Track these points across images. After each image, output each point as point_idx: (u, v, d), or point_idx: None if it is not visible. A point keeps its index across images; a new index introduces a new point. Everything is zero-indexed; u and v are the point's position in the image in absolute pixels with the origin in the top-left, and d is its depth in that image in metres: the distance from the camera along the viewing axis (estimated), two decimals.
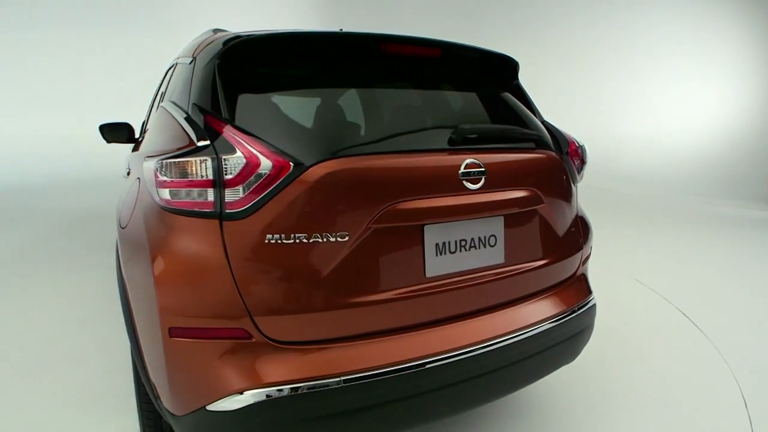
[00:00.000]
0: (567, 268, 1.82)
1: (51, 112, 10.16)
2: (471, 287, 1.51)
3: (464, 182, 1.43)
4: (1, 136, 9.80)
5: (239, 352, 1.26)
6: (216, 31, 1.93)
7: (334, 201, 1.29)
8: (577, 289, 1.85)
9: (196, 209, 1.26)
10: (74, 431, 1.97)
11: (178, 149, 1.33)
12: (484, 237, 1.53)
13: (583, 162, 1.93)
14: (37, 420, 2.03)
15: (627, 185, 9.61)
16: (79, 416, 2.05)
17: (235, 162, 1.24)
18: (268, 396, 1.24)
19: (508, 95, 1.91)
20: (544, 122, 1.94)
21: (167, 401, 1.35)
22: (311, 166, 1.27)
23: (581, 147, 1.94)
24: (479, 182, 1.46)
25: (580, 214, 1.96)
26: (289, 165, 1.25)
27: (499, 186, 1.53)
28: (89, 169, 8.97)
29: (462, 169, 1.43)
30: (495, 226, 1.55)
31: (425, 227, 1.41)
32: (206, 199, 1.25)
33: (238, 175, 1.24)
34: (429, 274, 1.43)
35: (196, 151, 1.27)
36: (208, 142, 1.28)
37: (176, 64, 2.06)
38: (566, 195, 1.81)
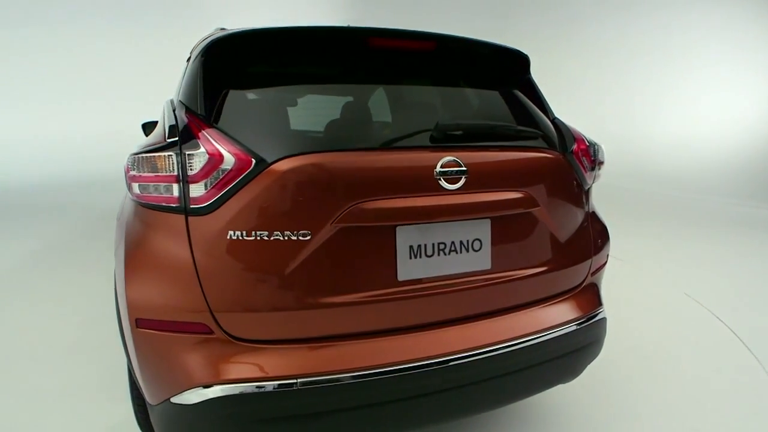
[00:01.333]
0: (570, 277, 1.68)
1: (85, 110, 10.53)
2: (451, 294, 1.43)
3: (440, 182, 1.35)
4: (40, 135, 10.22)
5: (201, 346, 1.27)
6: (222, 30, 1.96)
7: (295, 198, 1.26)
8: (582, 300, 1.70)
9: (164, 204, 1.28)
10: (90, 414, 2.09)
11: (151, 145, 1.36)
12: (467, 241, 1.44)
13: (594, 162, 1.77)
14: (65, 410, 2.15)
15: (661, 186, 9.20)
16: (92, 405, 2.16)
17: (198, 157, 1.24)
18: (225, 393, 1.23)
19: (513, 91, 1.79)
20: (554, 120, 1.81)
21: (143, 390, 1.39)
22: (273, 162, 1.25)
23: (593, 146, 1.78)
24: (458, 182, 1.37)
25: (592, 219, 1.80)
26: (251, 161, 1.24)
27: (483, 186, 1.43)
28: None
29: (438, 168, 1.35)
30: (480, 230, 1.45)
31: (397, 228, 1.34)
32: (172, 194, 1.26)
33: (201, 170, 1.24)
34: (402, 277, 1.36)
35: (165, 147, 1.29)
36: (176, 138, 1.30)
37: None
38: (571, 198, 1.67)
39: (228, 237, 1.25)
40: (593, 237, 1.78)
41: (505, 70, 1.82)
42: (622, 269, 4.12)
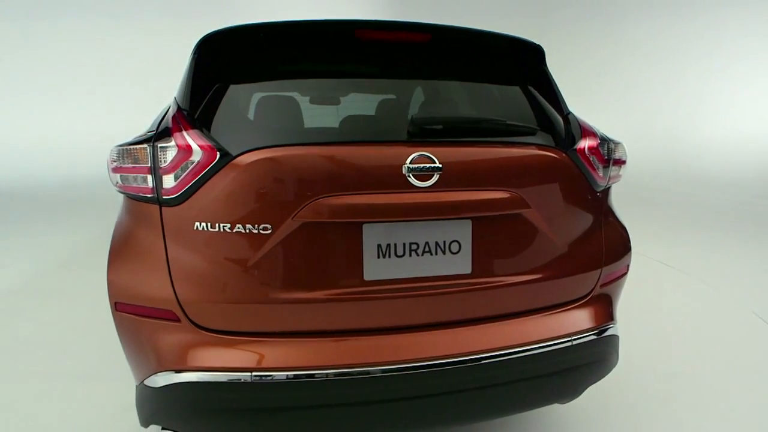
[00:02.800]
0: (570, 287, 1.53)
1: (123, 110, 10.31)
2: (425, 297, 1.36)
3: (410, 178, 1.29)
4: (82, 132, 10.13)
5: (168, 333, 1.31)
6: None
7: (256, 192, 1.26)
8: (585, 314, 1.54)
9: (141, 194, 1.34)
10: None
11: (136, 137, 1.43)
12: (444, 242, 1.36)
13: (608, 161, 1.60)
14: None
15: (712, 190, 8.52)
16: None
17: (169, 150, 1.29)
18: (186, 380, 1.27)
19: (519, 84, 1.66)
20: (567, 115, 1.65)
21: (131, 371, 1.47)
22: (237, 156, 1.26)
23: (606, 144, 1.60)
24: (430, 179, 1.30)
25: (607, 225, 1.63)
26: (216, 154, 1.26)
27: (461, 185, 1.34)
28: None
29: (407, 164, 1.28)
30: (459, 231, 1.37)
31: (364, 225, 1.30)
32: (146, 185, 1.32)
33: (171, 162, 1.28)
34: (368, 277, 1.32)
35: (143, 140, 1.34)
36: (153, 132, 1.35)
37: None
38: (573, 200, 1.52)
39: (195, 228, 1.28)
40: (605, 244, 1.60)
41: (511, 62, 1.69)
42: (678, 279, 3.75)
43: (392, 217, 1.30)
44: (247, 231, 1.26)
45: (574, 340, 1.47)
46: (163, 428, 1.38)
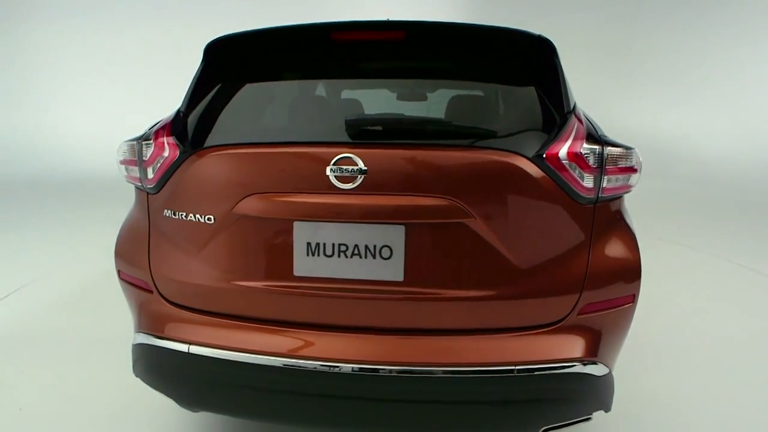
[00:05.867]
0: (529, 310, 1.36)
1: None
2: (352, 299, 1.36)
3: (332, 180, 1.29)
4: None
5: (145, 301, 1.56)
6: None
7: (202, 186, 1.41)
8: (547, 344, 1.35)
9: (136, 183, 1.60)
10: None
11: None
12: (374, 246, 1.33)
13: (598, 170, 1.35)
14: None
15: None
16: None
17: (148, 147, 1.51)
18: (146, 342, 1.50)
19: (500, 81, 1.51)
20: (568, 112, 1.45)
21: None
22: (191, 154, 1.42)
23: (602, 149, 1.36)
24: (353, 181, 1.28)
25: (598, 243, 1.40)
26: (177, 152, 1.44)
27: (389, 189, 1.29)
28: None
29: (331, 165, 1.29)
30: (390, 236, 1.32)
31: (295, 223, 1.35)
32: (137, 175, 1.57)
33: (150, 157, 1.51)
34: (298, 273, 1.37)
35: (137, 138, 1.60)
36: (147, 130, 1.59)
37: None
38: (539, 212, 1.33)
39: (164, 214, 1.49)
40: (592, 266, 1.38)
41: (498, 57, 1.54)
42: None
43: (319, 217, 1.33)
44: (196, 220, 1.42)
45: (525, 371, 1.31)
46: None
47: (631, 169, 1.43)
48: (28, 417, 2.03)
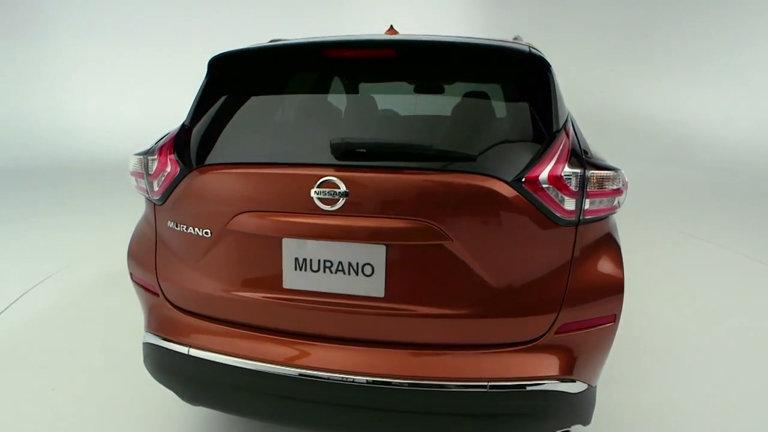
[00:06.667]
0: (505, 329, 1.41)
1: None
2: (336, 313, 1.43)
3: (316, 202, 1.36)
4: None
5: (153, 303, 1.69)
6: (274, 41, 2.25)
7: (200, 202, 1.50)
8: (521, 361, 1.40)
9: (144, 194, 1.71)
10: None
11: None
12: (356, 264, 1.40)
13: (579, 193, 1.36)
14: None
15: None
16: None
17: (153, 162, 1.62)
18: (152, 342, 1.64)
19: (488, 99, 1.51)
20: (558, 130, 1.45)
21: None
22: (189, 171, 1.52)
23: (584, 172, 1.36)
24: (335, 203, 1.34)
25: (580, 264, 1.41)
26: (178, 169, 1.54)
27: (370, 211, 1.35)
28: None
29: (315, 188, 1.35)
30: (372, 255, 1.39)
31: (284, 240, 1.43)
32: (144, 187, 1.68)
33: (155, 171, 1.61)
34: (287, 286, 1.46)
35: (145, 152, 1.70)
36: (153, 145, 1.69)
37: None
38: (517, 234, 1.36)
39: (168, 225, 1.60)
40: (571, 287, 1.40)
41: (485, 75, 1.55)
42: None
43: (305, 236, 1.40)
44: (195, 233, 1.52)
45: (494, 386, 1.36)
46: None
47: (616, 192, 1.42)
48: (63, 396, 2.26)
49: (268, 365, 1.45)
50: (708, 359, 2.61)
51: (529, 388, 1.37)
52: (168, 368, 1.62)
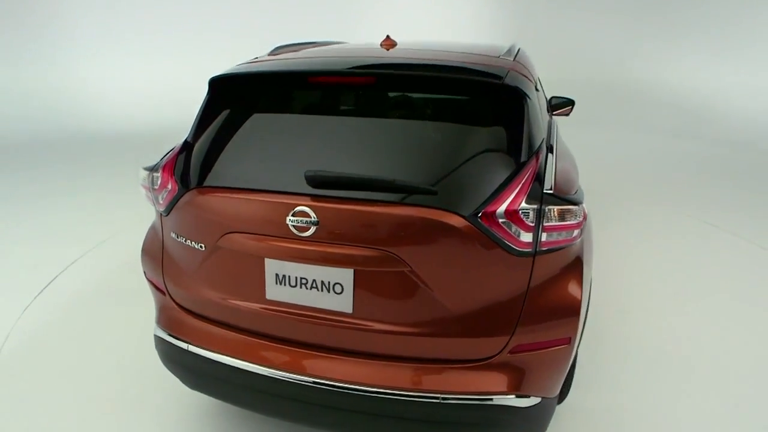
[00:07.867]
0: (459, 348, 1.54)
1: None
2: (311, 323, 1.60)
3: (291, 228, 1.50)
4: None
5: (161, 300, 1.93)
6: (276, 48, 2.34)
7: (195, 219, 1.69)
8: (473, 377, 1.53)
9: (154, 206, 1.91)
10: None
11: None
12: (328, 282, 1.55)
13: (535, 228, 1.43)
14: None
15: None
16: None
17: (157, 178, 1.80)
18: (160, 335, 1.88)
19: (457, 131, 1.58)
20: (522, 163, 1.51)
21: None
22: (186, 191, 1.69)
23: (541, 208, 1.43)
24: (308, 231, 1.48)
25: (535, 289, 1.51)
26: (177, 188, 1.72)
27: (336, 239, 1.48)
28: None
29: (290, 216, 1.49)
30: (342, 276, 1.53)
31: (266, 259, 1.59)
32: (152, 200, 1.87)
33: (159, 187, 1.80)
34: (269, 297, 1.63)
35: (152, 168, 1.88)
36: (158, 161, 1.87)
37: None
38: (472, 263, 1.46)
39: (170, 235, 1.80)
40: (527, 311, 1.50)
41: (456, 107, 1.61)
42: None
43: (283, 257, 1.56)
44: (192, 245, 1.71)
45: (446, 398, 1.51)
46: None
47: (575, 225, 1.49)
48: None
49: (252, 365, 1.66)
50: (718, 359, 2.64)
51: (479, 402, 1.51)
52: (172, 359, 1.86)
